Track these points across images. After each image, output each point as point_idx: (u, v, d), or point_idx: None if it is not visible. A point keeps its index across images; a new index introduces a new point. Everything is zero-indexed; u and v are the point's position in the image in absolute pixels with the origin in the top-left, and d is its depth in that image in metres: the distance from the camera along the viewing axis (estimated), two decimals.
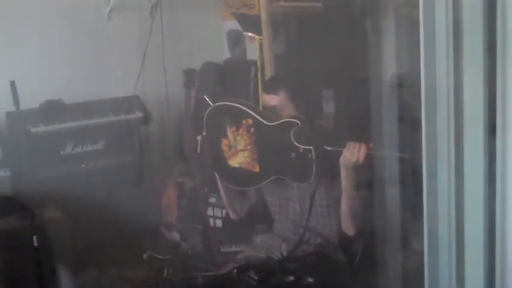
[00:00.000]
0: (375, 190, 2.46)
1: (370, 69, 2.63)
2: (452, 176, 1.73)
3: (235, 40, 4.16)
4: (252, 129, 2.59)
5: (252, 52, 3.78)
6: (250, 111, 2.61)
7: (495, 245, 1.65)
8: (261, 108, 2.78)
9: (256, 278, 2.37)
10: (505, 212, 1.60)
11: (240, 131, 2.62)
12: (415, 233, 2.13)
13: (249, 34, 3.59)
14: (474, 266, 1.74)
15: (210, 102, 2.74)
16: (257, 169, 2.63)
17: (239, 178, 2.72)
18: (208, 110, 2.72)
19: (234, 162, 2.68)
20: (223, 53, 4.32)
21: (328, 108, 3.33)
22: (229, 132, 2.65)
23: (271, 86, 2.77)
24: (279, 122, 2.56)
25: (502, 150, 1.58)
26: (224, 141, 2.68)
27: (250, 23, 3.61)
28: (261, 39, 3.45)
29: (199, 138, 2.79)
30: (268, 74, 3.42)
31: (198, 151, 2.81)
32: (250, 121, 2.59)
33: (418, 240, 1.93)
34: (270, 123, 2.57)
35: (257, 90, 3.64)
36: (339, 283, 2.49)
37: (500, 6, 1.53)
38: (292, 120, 2.53)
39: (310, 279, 2.36)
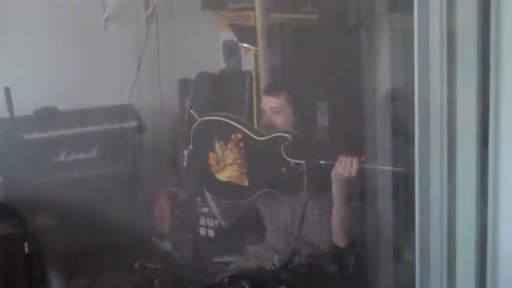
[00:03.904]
0: (367, 202, 2.46)
1: (364, 81, 2.64)
2: (445, 187, 1.74)
3: (231, 51, 4.17)
4: (241, 144, 2.56)
5: (247, 63, 3.79)
6: (239, 126, 2.57)
7: (486, 257, 1.66)
8: (253, 124, 2.77)
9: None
10: (497, 223, 1.61)
11: (229, 146, 2.59)
12: (406, 244, 2.14)
13: (245, 45, 3.60)
14: (466, 277, 1.74)
15: (197, 117, 2.73)
16: (246, 183, 2.60)
17: (228, 192, 2.68)
18: (195, 125, 2.69)
19: (223, 176, 2.64)
20: (218, 64, 4.33)
21: (322, 119, 3.34)
22: (217, 146, 2.61)
23: (272, 88, 2.76)
24: (269, 136, 2.53)
25: (494, 161, 1.59)
26: (212, 155, 2.64)
27: (246, 34, 3.62)
28: (256, 50, 3.46)
29: (185, 152, 2.76)
30: (263, 84, 3.42)
31: (185, 165, 2.78)
32: (239, 136, 2.56)
33: (410, 252, 1.93)
34: (259, 138, 2.54)
35: (252, 100, 3.65)
36: None
37: (494, 19, 1.54)
38: (283, 135, 2.50)
39: None
